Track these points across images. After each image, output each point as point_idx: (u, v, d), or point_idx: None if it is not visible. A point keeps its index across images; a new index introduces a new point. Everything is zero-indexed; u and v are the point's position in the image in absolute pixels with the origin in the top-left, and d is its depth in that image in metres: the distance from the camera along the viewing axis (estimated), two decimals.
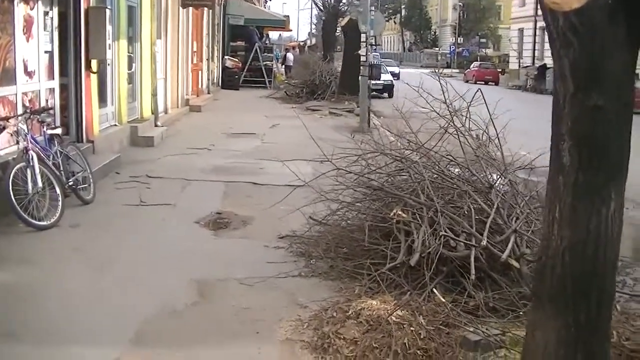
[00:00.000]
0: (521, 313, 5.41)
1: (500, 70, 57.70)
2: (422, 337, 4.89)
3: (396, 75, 44.99)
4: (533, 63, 52.75)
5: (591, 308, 4.09)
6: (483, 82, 47.13)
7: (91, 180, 9.55)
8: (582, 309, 4.07)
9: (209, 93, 26.13)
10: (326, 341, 5.04)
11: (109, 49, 12.14)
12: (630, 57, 4.02)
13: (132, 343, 5.21)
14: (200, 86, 24.63)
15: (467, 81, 48.59)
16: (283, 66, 41.62)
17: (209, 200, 9.99)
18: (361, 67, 20.02)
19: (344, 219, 7.70)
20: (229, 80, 31.16)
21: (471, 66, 58.16)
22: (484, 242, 5.71)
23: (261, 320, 5.65)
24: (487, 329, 5.10)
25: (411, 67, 69.28)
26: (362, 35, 20.19)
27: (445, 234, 5.88)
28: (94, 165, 10.01)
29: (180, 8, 20.55)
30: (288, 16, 41.64)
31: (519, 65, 53.14)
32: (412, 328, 4.94)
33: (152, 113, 16.07)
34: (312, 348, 5.05)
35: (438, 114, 7.46)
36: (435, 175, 6.90)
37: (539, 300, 4.30)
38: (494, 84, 50.82)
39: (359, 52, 20.18)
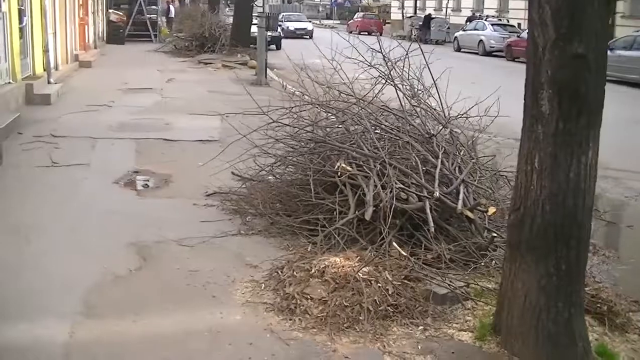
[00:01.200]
0: (482, 264, 5.42)
1: (382, 20, 57.84)
2: (390, 292, 4.79)
3: (308, 33, 44.29)
4: (415, 13, 53.27)
5: (571, 256, 4.11)
6: (367, 33, 46.96)
7: None
8: (562, 257, 4.09)
9: (96, 48, 25.21)
10: (292, 302, 4.85)
11: (4, 1, 11.36)
12: (608, 5, 4.02)
13: (83, 315, 4.86)
14: (87, 41, 23.65)
15: (350, 32, 48.02)
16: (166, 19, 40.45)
17: (123, 158, 9.62)
18: (257, 19, 19.61)
19: (273, 174, 7.53)
20: (115, 35, 30.22)
21: (355, 17, 58.02)
22: (437, 194, 5.66)
23: (213, 283, 5.42)
24: (450, 282, 5.07)
25: None
26: None
27: (398, 186, 5.77)
28: None
29: None
30: None
31: (403, 16, 53.46)
32: (379, 284, 4.83)
33: (45, 70, 15.30)
34: (278, 310, 4.85)
35: (371, 65, 7.33)
36: (375, 127, 6.78)
37: (516, 251, 4.28)
38: (378, 34, 50.84)
39: (255, 3, 19.77)
